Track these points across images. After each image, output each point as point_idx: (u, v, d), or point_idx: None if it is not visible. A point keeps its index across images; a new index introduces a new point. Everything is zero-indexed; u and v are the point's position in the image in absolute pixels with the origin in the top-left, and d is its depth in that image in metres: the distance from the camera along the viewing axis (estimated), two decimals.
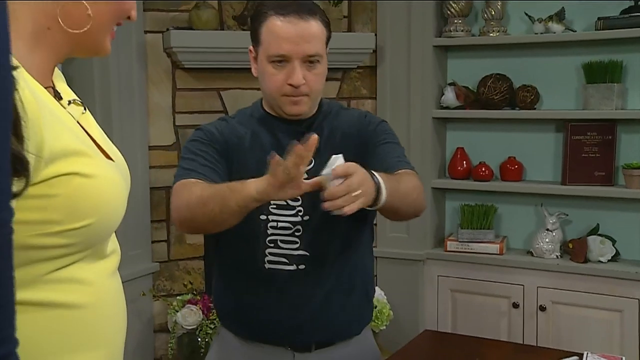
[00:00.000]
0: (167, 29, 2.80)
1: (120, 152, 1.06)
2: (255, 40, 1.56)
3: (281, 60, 1.51)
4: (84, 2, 0.91)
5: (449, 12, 3.04)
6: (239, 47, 1.93)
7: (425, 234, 3.12)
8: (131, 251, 2.67)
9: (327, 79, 3.02)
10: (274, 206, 1.55)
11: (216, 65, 2.84)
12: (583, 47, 2.91)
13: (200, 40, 2.76)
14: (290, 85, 1.51)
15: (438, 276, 3.09)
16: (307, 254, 1.56)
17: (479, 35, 3.05)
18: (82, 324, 0.90)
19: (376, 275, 3.19)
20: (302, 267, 1.56)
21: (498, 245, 3.01)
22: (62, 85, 1.01)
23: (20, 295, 0.84)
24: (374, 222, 1.82)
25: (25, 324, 0.84)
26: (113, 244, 0.99)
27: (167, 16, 2.86)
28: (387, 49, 3.09)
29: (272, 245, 1.56)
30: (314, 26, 1.51)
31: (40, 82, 0.88)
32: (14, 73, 0.62)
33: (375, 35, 3.07)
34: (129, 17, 1.00)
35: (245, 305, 1.60)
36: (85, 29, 0.92)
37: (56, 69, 0.99)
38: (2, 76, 0.56)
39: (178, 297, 2.74)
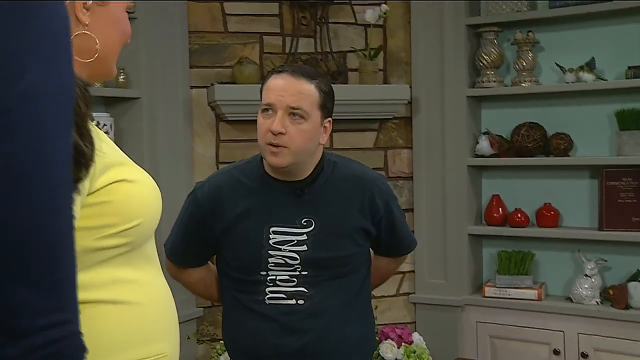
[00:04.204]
0: (212, 84, 2.95)
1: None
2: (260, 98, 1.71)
3: (268, 109, 1.65)
4: (92, 34, 1.04)
5: (481, 64, 3.14)
6: None
7: (463, 280, 3.15)
8: (176, 297, 2.76)
9: (365, 130, 3.20)
10: (272, 264, 1.69)
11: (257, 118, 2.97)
12: (615, 96, 2.97)
13: (242, 93, 2.90)
14: (271, 132, 1.63)
15: (477, 322, 3.10)
16: (305, 290, 1.68)
17: (511, 86, 3.14)
18: (143, 318, 1.02)
19: (415, 322, 3.22)
20: (300, 302, 1.68)
21: (536, 291, 3.01)
22: None
23: (92, 294, 0.97)
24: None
25: (100, 320, 0.97)
26: (155, 251, 1.12)
27: (211, 72, 3.02)
28: (422, 100, 3.19)
29: (271, 284, 1.69)
30: (304, 85, 1.65)
31: None
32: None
33: (410, 87, 3.18)
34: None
35: (250, 337, 1.72)
36: (94, 57, 1.04)
37: None
38: (67, 81, 0.65)
39: (221, 341, 2.81)
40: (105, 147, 0.99)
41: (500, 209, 3.17)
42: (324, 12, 3.09)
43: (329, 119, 1.72)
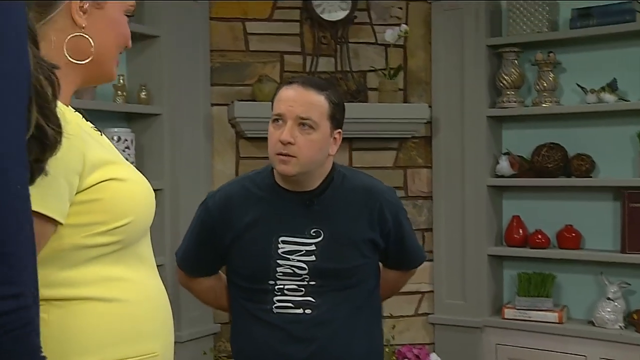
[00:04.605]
0: (232, 102, 2.98)
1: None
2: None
3: (278, 119, 1.67)
4: (87, 37, 1.04)
5: (501, 84, 3.13)
6: None
7: (482, 301, 3.11)
8: (193, 312, 2.77)
9: (384, 149, 3.19)
10: (281, 273, 1.69)
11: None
12: (637, 117, 2.94)
13: (262, 111, 2.88)
14: (280, 142, 1.64)
15: (496, 344, 3.05)
16: (313, 300, 1.69)
17: (532, 106, 3.12)
18: (133, 317, 1.02)
19: (434, 343, 3.18)
20: (308, 311, 1.69)
21: (557, 314, 2.96)
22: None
23: (81, 291, 0.98)
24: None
25: (87, 316, 0.97)
26: (151, 251, 1.12)
27: (232, 90, 3.05)
28: (441, 120, 3.19)
29: (279, 293, 1.70)
30: (314, 96, 1.67)
31: None
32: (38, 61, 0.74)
33: (430, 106, 3.18)
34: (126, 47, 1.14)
35: (257, 346, 1.72)
36: (89, 59, 1.05)
37: None
38: (19, 59, 0.65)
39: None
40: (93, 144, 1.00)
41: (521, 230, 3.14)
42: (344, 31, 3.11)
43: (339, 130, 1.74)
